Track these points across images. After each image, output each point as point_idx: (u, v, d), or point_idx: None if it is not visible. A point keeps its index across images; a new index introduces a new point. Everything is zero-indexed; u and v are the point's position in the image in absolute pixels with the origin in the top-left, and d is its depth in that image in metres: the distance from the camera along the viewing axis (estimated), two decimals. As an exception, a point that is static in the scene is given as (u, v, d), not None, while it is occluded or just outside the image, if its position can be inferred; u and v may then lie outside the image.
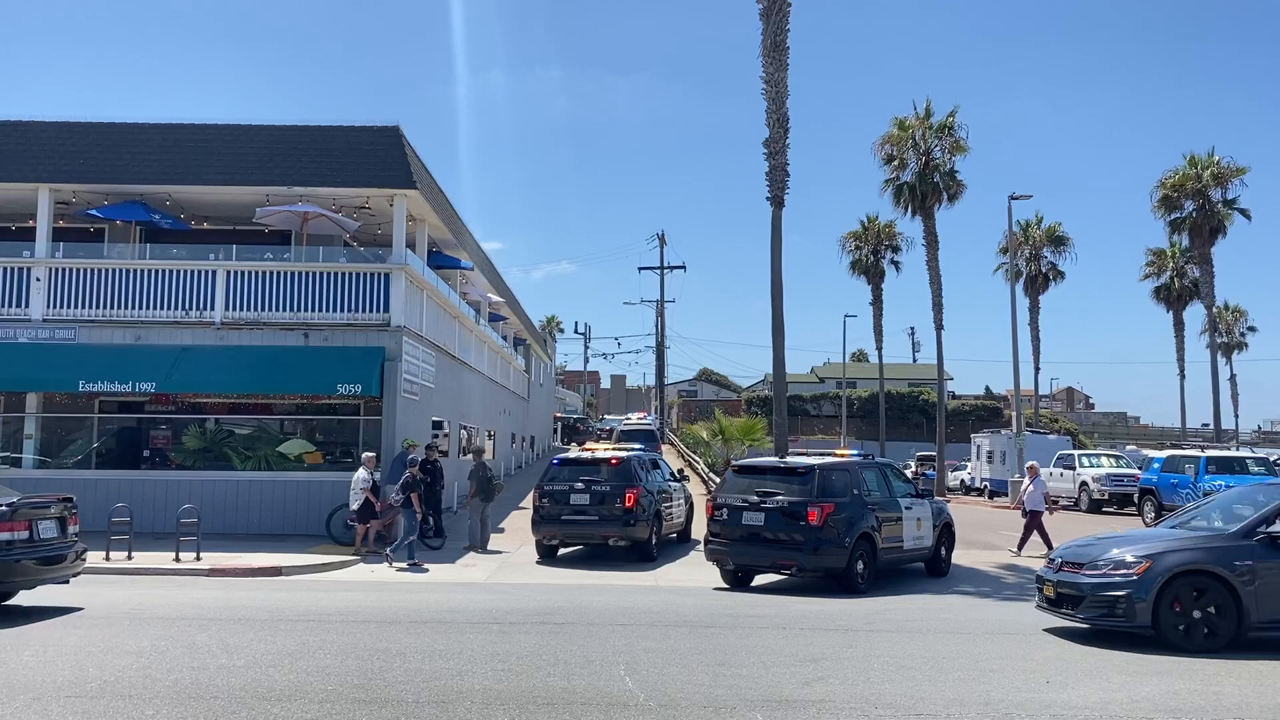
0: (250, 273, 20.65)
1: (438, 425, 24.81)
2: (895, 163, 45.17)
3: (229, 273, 20.63)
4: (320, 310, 20.55)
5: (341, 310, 20.58)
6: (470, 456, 19.85)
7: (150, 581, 14.46)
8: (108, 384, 19.52)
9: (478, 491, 19.33)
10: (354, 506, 17.95)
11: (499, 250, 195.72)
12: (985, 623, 11.60)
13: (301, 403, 21.09)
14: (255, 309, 20.51)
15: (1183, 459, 27.55)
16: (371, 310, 20.62)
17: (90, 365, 19.66)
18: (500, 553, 18.79)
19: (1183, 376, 58.71)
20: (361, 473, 18.06)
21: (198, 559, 15.88)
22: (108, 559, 15.74)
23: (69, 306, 20.56)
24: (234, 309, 20.51)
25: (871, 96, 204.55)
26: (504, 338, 39.60)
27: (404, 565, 16.63)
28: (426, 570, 16.46)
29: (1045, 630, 11.07)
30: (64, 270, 20.66)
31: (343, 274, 20.77)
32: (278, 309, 20.51)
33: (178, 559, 15.84)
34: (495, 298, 34.44)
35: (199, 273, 20.64)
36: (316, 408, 21.18)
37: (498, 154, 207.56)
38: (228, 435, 20.88)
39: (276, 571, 15.64)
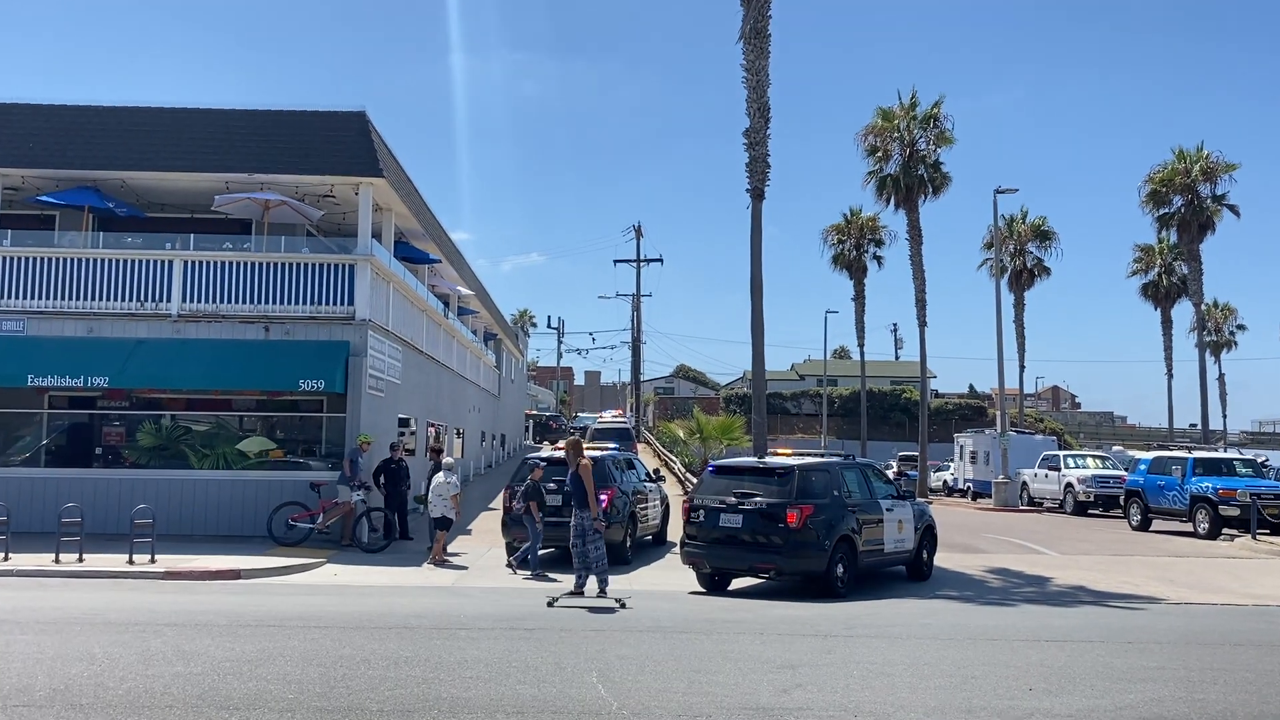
0: (208, 263, 20.49)
1: (404, 423, 24.71)
2: (879, 154, 45.41)
3: (186, 263, 20.45)
4: (282, 302, 20.42)
5: (304, 302, 20.46)
6: (429, 456, 19.84)
7: (103, 585, 14.33)
8: (58, 378, 19.30)
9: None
10: (435, 514, 17.76)
11: (466, 241, 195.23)
12: (968, 628, 11.71)
13: (261, 399, 20.96)
14: (214, 300, 20.36)
15: (1169, 460, 27.85)
16: (335, 303, 20.51)
17: (40, 358, 19.44)
18: (457, 554, 18.74)
19: (1170, 375, 59.44)
20: (442, 476, 17.91)
21: (152, 561, 15.76)
22: (58, 561, 15.58)
23: (17, 297, 20.30)
24: (191, 300, 20.34)
25: (855, 87, 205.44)
26: (474, 332, 39.47)
27: (530, 575, 16.41)
28: (554, 580, 16.19)
29: (1030, 637, 11.19)
30: (12, 259, 20.40)
31: (305, 265, 20.65)
32: (237, 301, 20.36)
33: (131, 561, 15.70)
34: (465, 290, 34.32)
35: (155, 262, 20.45)
36: (277, 404, 21.06)
37: (464, 141, 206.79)
38: (184, 432, 20.72)
39: (235, 575, 15.56)
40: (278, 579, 15.80)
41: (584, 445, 14.01)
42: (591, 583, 13.63)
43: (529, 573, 16.49)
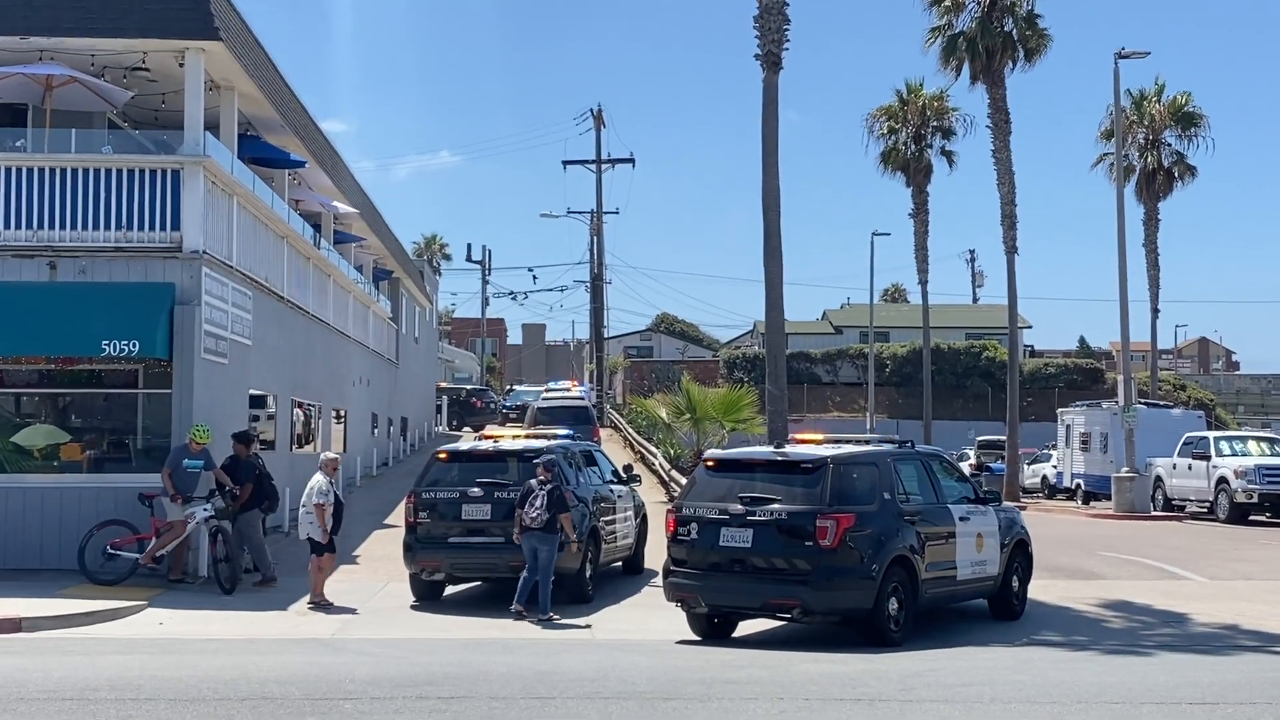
0: (-36, 170, 20.24)
1: (259, 402, 24.60)
2: (946, 2, 45.31)
3: (-70, 170, 20.20)
4: (74, 227, 20.19)
5: (107, 227, 20.22)
6: (234, 445, 19.72)
7: None
8: None
9: (253, 498, 19.32)
10: (304, 534, 17.82)
11: (344, 134, 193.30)
12: (1076, 688, 11.86)
13: (48, 368, 20.81)
14: (-27, 226, 20.14)
15: (1365, 443, 28.23)
16: (153, 226, 20.29)
17: None
18: (317, 603, 18.73)
19: (1366, 321, 60.10)
20: (319, 479, 17.88)
21: (-109, 609, 15.70)
22: None
23: None
24: (-60, 226, 20.11)
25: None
26: (359, 269, 39.26)
27: (537, 619, 16.58)
28: (575, 625, 16.45)
29: (1165, 699, 11.33)
30: None
31: (108, 171, 20.39)
32: (8, 225, 20.12)
33: None
34: (344, 208, 34.10)
35: (-117, 170, 20.21)
36: (72, 376, 20.91)
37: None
38: (-66, 419, 20.57)
39: (14, 626, 15.51)
40: (77, 631, 15.73)
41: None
42: None
43: (537, 617, 16.64)
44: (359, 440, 35.97)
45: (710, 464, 16.17)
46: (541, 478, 16.85)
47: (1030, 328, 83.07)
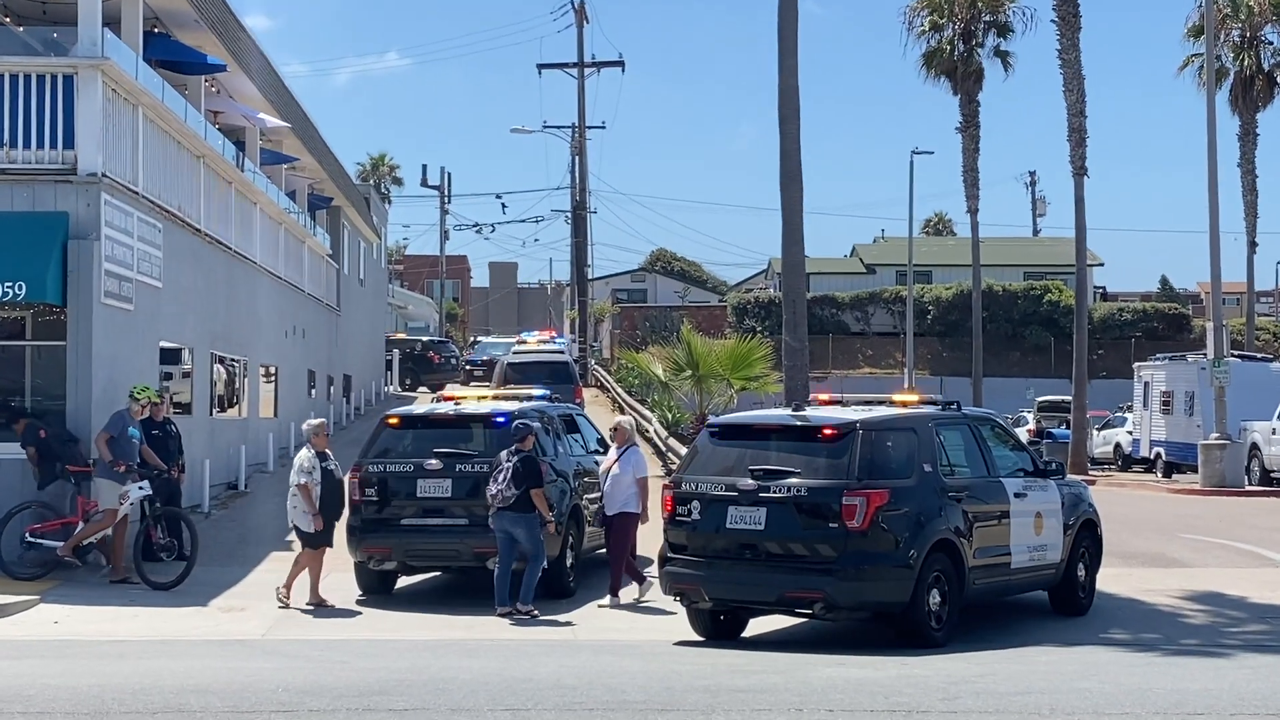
0: None
1: (172, 358, 24.55)
2: None
3: None
4: (-54, 146, 20.16)
5: (-14, 145, 20.21)
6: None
7: None
8: None
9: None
10: (293, 518, 17.88)
11: (271, 31, 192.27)
12: (1153, 696, 11.90)
13: (-83, 317, 20.81)
14: None
15: None
16: (41, 145, 20.21)
17: None
18: (316, 604, 18.79)
19: None
20: (302, 454, 17.90)
21: None
22: None
23: None
24: None
25: None
26: (290, 195, 39.08)
27: (514, 615, 16.81)
28: (559, 622, 16.70)
29: (1258, 710, 11.39)
30: None
31: (-13, 78, 20.34)
32: None
33: None
34: (273, 121, 33.93)
35: None
36: (-55, 327, 20.91)
37: None
38: None
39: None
40: (-46, 633, 15.80)
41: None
42: None
43: (508, 609, 16.83)
44: (293, 402, 35.92)
45: (715, 430, 16.20)
46: (512, 446, 16.88)
47: (1102, 265, 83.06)
